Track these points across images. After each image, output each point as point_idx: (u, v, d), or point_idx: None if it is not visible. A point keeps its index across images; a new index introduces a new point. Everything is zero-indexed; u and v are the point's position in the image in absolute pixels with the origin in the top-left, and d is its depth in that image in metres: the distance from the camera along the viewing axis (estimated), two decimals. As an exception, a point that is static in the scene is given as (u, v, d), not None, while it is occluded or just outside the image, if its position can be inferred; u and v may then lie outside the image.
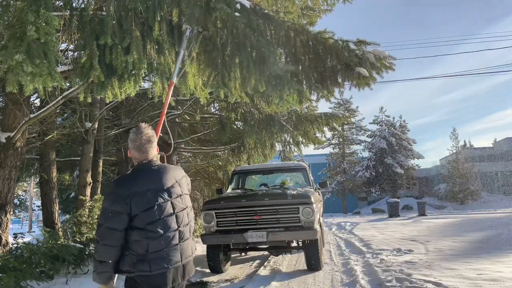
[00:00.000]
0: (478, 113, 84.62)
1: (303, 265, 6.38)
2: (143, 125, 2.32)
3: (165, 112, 3.74)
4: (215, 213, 6.01)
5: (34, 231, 20.45)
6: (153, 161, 2.29)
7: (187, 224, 2.26)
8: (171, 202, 2.20)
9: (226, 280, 5.85)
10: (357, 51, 4.41)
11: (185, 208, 2.28)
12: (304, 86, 4.65)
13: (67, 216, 13.53)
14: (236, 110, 8.74)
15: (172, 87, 3.86)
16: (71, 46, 4.75)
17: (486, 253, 6.69)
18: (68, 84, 4.95)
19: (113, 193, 2.14)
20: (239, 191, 7.06)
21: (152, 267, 2.08)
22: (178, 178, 2.32)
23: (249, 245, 6.03)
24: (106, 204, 2.14)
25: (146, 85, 7.35)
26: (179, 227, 2.20)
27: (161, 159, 2.48)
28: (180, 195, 2.28)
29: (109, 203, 2.11)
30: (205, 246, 6.30)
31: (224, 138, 10.08)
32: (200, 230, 10.96)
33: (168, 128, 4.04)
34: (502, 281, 4.59)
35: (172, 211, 2.19)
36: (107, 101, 4.64)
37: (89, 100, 4.74)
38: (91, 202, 7.34)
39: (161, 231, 2.11)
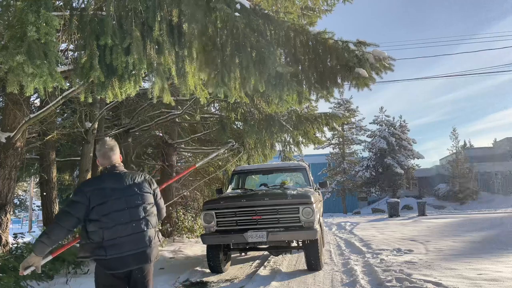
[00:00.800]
0: (478, 113, 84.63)
1: (303, 265, 6.38)
2: (107, 138, 2.84)
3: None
4: (215, 213, 6.01)
5: (34, 231, 20.46)
6: (116, 166, 2.75)
7: (141, 219, 2.63)
8: (125, 199, 2.61)
9: (226, 280, 5.85)
10: (356, 52, 4.41)
11: (140, 205, 2.65)
12: (304, 86, 4.65)
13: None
14: (236, 110, 8.74)
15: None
16: (71, 46, 4.75)
17: (486, 253, 6.70)
18: (68, 84, 4.94)
19: (78, 189, 2.67)
20: (239, 191, 7.06)
21: (107, 252, 2.51)
22: (137, 181, 2.73)
23: (249, 245, 6.04)
24: (71, 196, 2.66)
25: (146, 85, 7.35)
26: (132, 220, 2.59)
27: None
28: (136, 194, 2.67)
29: (73, 195, 2.61)
30: (205, 246, 6.31)
31: (224, 138, 10.07)
32: (200, 230, 10.97)
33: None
34: (502, 281, 4.59)
35: (124, 207, 2.59)
36: (107, 101, 4.64)
37: (89, 100, 4.74)
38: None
39: (113, 222, 2.53)
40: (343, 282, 5.29)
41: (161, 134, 11.38)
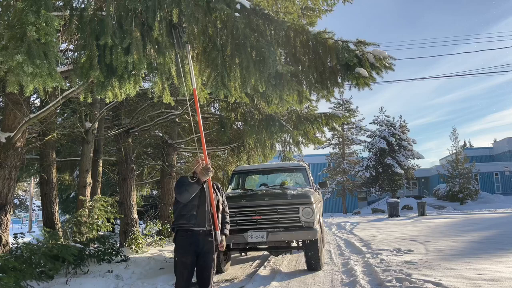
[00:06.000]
0: (477, 113, 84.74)
1: (303, 265, 6.38)
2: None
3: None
4: (215, 213, 6.00)
5: (34, 231, 20.47)
6: None
7: None
8: None
9: (226, 280, 5.85)
10: (357, 52, 4.41)
11: None
12: (304, 86, 4.65)
13: (67, 216, 13.54)
14: (236, 110, 8.74)
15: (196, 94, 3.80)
16: (71, 46, 4.75)
17: (486, 253, 6.69)
18: (68, 84, 4.94)
19: None
20: (239, 191, 7.05)
21: None
22: None
23: (249, 245, 6.03)
24: None
25: (146, 85, 7.35)
26: None
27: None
28: None
29: None
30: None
31: (224, 138, 10.07)
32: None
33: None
34: (502, 281, 4.59)
35: None
36: (107, 101, 4.64)
37: (89, 100, 4.74)
38: (91, 202, 7.34)
39: None
40: (343, 282, 5.28)
41: (161, 134, 11.37)
